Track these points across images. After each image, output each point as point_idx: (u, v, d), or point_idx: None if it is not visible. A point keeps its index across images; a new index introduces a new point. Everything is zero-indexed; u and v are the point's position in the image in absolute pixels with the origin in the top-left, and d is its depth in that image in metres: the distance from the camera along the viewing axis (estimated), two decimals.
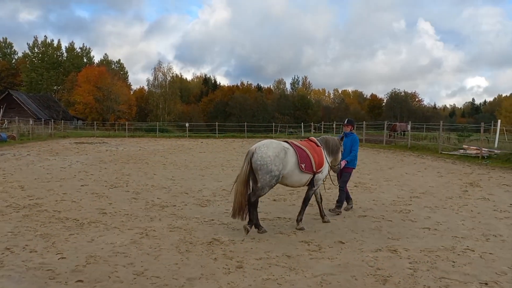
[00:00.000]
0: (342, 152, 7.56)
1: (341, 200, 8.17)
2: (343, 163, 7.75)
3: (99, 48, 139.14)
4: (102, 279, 4.60)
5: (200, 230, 6.66)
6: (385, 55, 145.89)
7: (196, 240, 6.12)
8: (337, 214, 7.98)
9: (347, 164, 7.96)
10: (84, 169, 14.20)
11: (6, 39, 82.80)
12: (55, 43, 76.25)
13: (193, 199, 9.28)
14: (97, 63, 79.82)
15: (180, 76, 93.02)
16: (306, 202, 6.98)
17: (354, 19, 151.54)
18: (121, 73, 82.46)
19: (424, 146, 24.58)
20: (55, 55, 75.58)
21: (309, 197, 6.97)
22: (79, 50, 79.74)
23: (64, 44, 78.35)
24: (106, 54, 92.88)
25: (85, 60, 79.20)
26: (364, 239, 6.32)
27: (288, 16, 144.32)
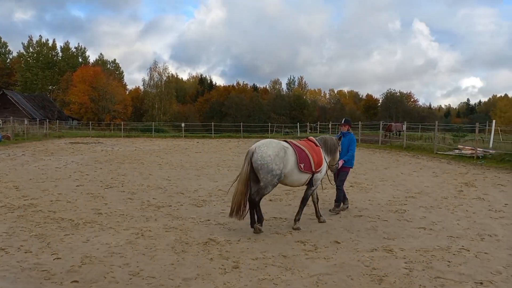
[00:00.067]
0: (340, 151, 7.60)
1: (339, 199, 8.21)
2: (340, 162, 7.79)
3: (94, 48, 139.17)
4: (98, 279, 4.58)
5: (196, 230, 6.65)
6: (380, 55, 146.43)
7: (192, 240, 6.11)
8: (336, 213, 8.02)
9: (345, 164, 8.01)
10: (80, 169, 14.14)
11: (0, 38, 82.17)
12: (50, 42, 75.95)
13: (189, 199, 9.27)
14: (92, 63, 79.53)
15: (176, 76, 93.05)
16: (304, 202, 6.99)
17: (349, 19, 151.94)
18: (117, 73, 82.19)
19: (419, 146, 24.69)
20: (50, 55, 75.13)
21: (307, 197, 6.98)
22: (74, 50, 79.42)
23: (59, 44, 77.88)
24: (101, 54, 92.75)
25: (80, 60, 78.85)
26: (360, 239, 6.34)
27: (284, 16, 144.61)
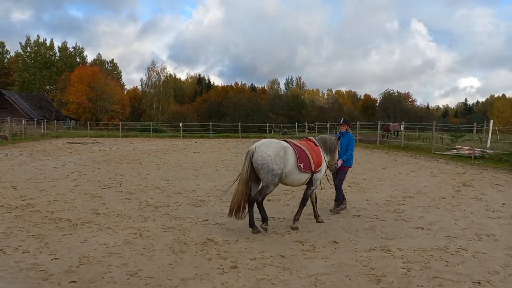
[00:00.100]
0: (339, 151, 7.61)
1: (339, 198, 8.23)
2: (339, 162, 7.80)
3: (92, 48, 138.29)
4: (96, 279, 4.57)
5: (194, 230, 6.65)
6: (378, 55, 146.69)
7: (190, 240, 6.11)
8: (337, 213, 8.04)
9: (344, 163, 8.03)
10: (77, 169, 14.11)
11: None
12: (48, 42, 75.83)
13: (187, 199, 9.26)
14: (90, 62, 79.42)
15: (174, 76, 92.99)
16: (304, 202, 7.01)
17: (347, 19, 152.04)
18: (115, 72, 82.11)
19: (417, 146, 24.71)
20: (47, 55, 75.03)
21: (307, 197, 7.00)
22: (72, 50, 79.32)
23: (57, 44, 77.94)
24: (99, 54, 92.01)
25: (78, 60, 78.73)
26: (358, 239, 6.34)
27: (282, 15, 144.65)
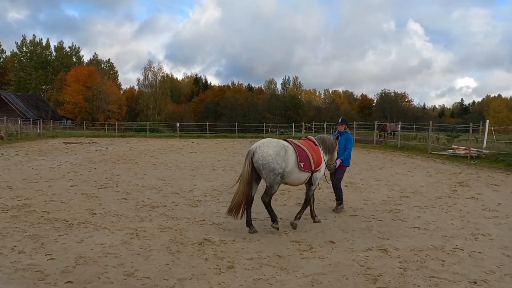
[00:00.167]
0: (337, 151, 7.64)
1: (339, 197, 8.25)
2: (338, 162, 7.84)
3: (89, 48, 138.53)
4: (92, 280, 4.56)
5: (191, 231, 6.64)
6: (375, 56, 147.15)
7: (187, 240, 6.10)
8: (337, 212, 8.07)
9: (342, 162, 8.07)
10: (74, 169, 14.06)
11: None
12: (44, 42, 75.45)
13: (184, 199, 9.24)
14: (86, 62, 79.10)
15: (170, 76, 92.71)
16: (307, 203, 7.05)
17: (344, 19, 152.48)
18: (111, 72, 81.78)
19: (413, 146, 24.81)
20: (43, 54, 74.64)
21: (309, 197, 7.05)
22: (68, 50, 78.96)
23: (53, 43, 77.37)
24: (95, 54, 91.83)
25: (74, 60, 78.39)
26: (355, 238, 6.36)
27: (279, 15, 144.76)
